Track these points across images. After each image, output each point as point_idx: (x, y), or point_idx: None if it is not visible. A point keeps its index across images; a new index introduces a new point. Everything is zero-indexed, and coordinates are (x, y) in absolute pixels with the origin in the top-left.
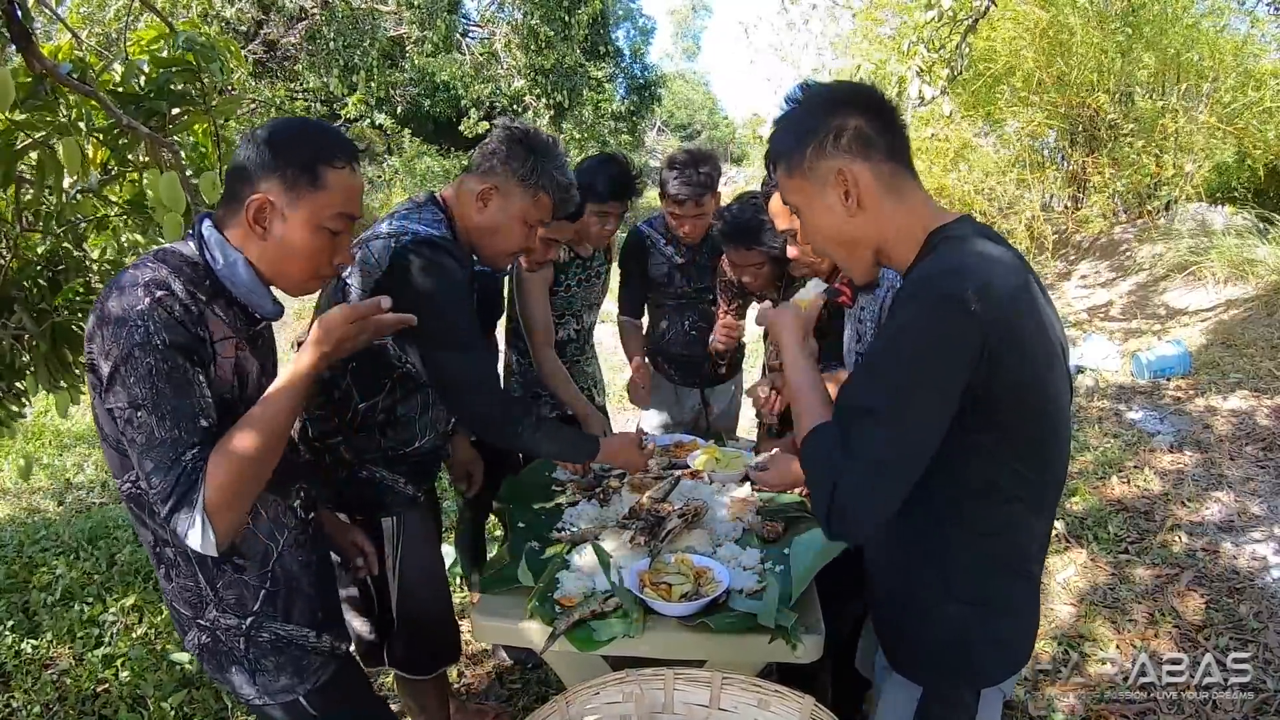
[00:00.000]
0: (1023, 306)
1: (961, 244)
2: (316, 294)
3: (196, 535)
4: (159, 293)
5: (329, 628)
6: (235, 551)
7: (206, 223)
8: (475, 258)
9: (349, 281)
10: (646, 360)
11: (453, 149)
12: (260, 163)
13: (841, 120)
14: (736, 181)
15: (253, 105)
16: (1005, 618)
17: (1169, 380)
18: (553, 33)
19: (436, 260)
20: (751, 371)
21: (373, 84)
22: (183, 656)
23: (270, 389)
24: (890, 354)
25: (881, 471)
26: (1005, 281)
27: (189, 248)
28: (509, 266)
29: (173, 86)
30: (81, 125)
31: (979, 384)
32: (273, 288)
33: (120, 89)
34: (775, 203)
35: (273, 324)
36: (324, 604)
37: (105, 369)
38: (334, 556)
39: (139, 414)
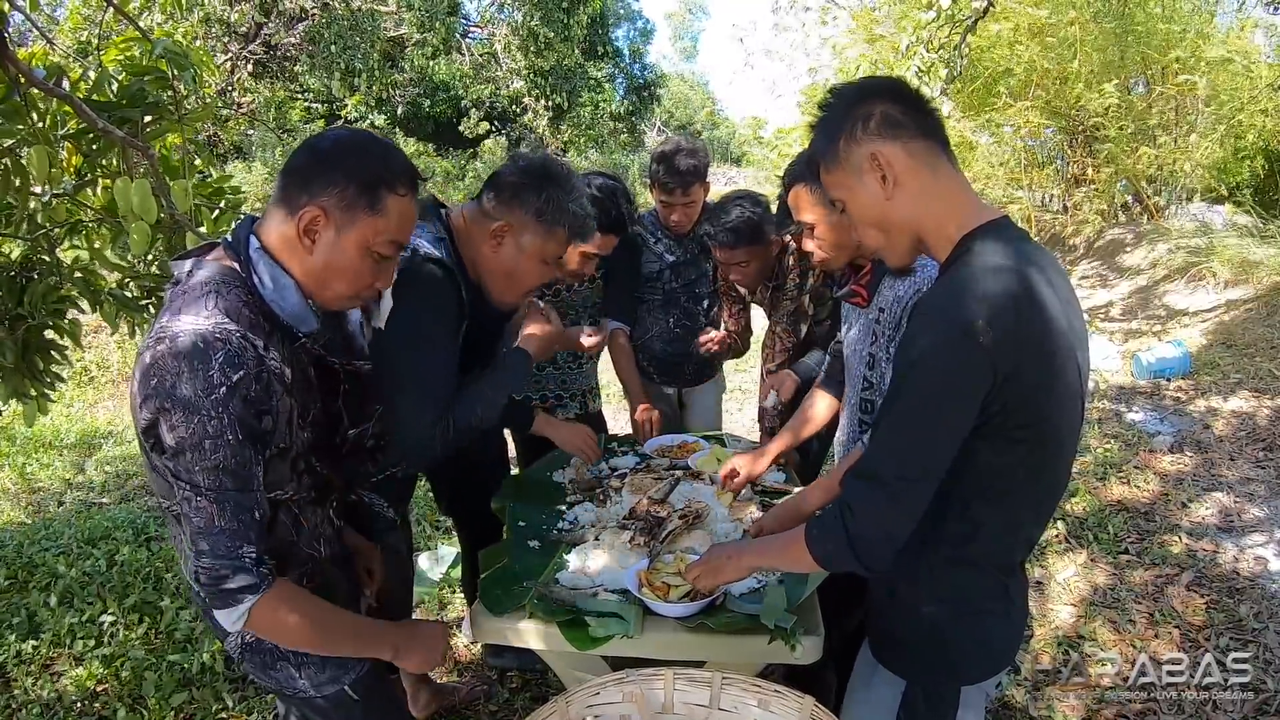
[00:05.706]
0: (1037, 329)
1: (983, 259)
2: None
3: (229, 619)
4: (235, 375)
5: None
6: (278, 556)
7: (254, 242)
8: (483, 297)
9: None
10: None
11: (452, 149)
12: (320, 173)
13: (867, 108)
14: (737, 182)
15: (251, 105)
16: (986, 619)
17: (1169, 381)
18: (552, 34)
19: (432, 279)
20: (740, 374)
21: (373, 85)
22: (181, 657)
23: (359, 627)
24: (905, 388)
25: (893, 495)
26: (1021, 304)
27: (235, 268)
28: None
29: (145, 94)
30: (57, 131)
31: (989, 405)
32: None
33: (95, 96)
34: (793, 195)
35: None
36: (356, 595)
37: (169, 441)
38: None
39: (199, 499)
